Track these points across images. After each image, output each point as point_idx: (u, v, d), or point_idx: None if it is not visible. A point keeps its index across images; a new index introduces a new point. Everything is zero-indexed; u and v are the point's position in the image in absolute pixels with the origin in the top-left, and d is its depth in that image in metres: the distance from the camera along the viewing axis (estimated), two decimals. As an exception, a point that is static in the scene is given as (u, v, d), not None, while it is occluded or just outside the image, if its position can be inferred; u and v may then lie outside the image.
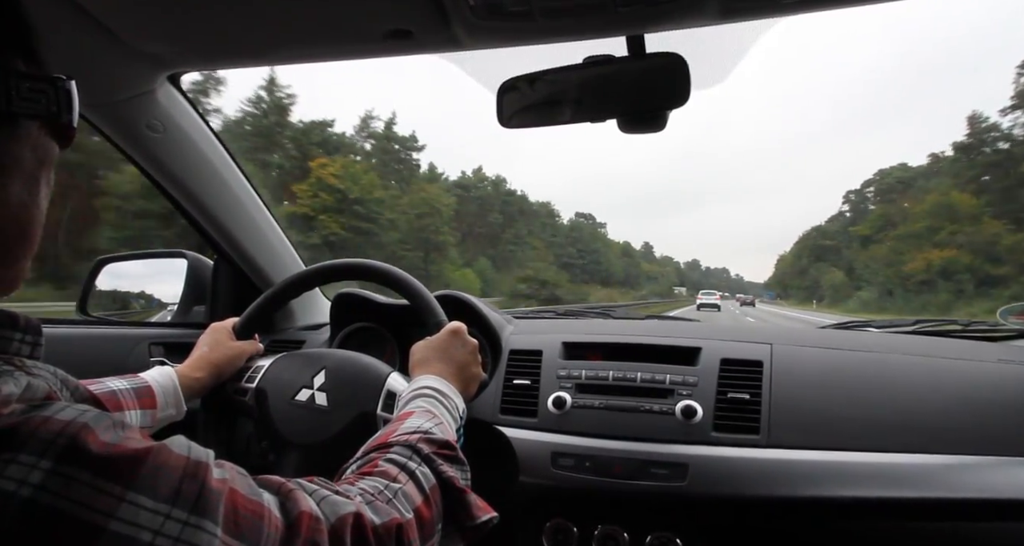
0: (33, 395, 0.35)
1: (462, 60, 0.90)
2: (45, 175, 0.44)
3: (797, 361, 1.03)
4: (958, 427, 0.89)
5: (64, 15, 0.78)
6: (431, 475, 0.58)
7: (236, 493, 0.38)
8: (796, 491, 0.88)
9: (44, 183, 0.44)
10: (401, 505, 0.52)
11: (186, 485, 0.35)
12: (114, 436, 0.34)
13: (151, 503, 0.33)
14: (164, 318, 1.47)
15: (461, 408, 0.79)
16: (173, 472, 0.35)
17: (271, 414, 0.91)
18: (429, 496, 0.56)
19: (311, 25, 0.81)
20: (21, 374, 0.36)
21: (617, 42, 0.82)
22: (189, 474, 0.35)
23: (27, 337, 0.41)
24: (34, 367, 0.38)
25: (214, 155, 1.19)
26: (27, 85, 0.40)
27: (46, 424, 0.32)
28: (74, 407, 0.34)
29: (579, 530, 1.01)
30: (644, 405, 1.00)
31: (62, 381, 0.40)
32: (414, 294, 0.96)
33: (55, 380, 0.39)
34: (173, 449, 0.36)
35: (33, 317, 0.42)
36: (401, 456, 0.59)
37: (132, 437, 0.35)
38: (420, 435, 0.63)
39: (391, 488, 0.53)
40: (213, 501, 0.35)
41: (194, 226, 1.28)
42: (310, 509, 0.43)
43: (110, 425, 0.34)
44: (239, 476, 0.40)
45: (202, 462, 0.37)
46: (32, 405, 0.33)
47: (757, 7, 0.75)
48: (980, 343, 1.14)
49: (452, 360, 0.84)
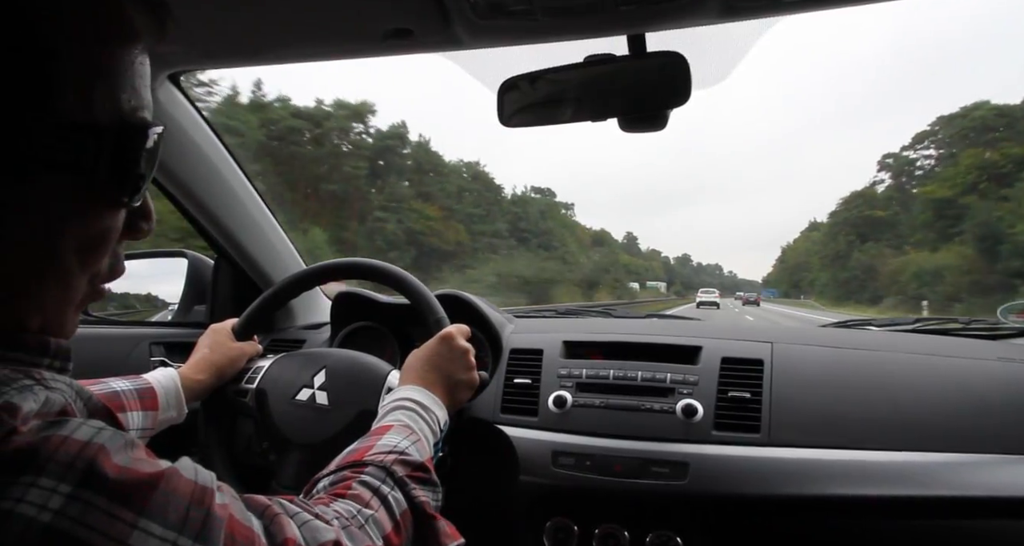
0: (50, 410, 0.35)
1: (463, 59, 0.90)
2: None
3: (798, 360, 1.03)
4: (959, 425, 0.89)
5: None
6: (403, 500, 0.59)
7: (234, 520, 0.39)
8: (797, 490, 0.88)
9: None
10: (372, 532, 0.53)
11: (193, 512, 0.35)
12: (126, 458, 0.34)
13: (160, 530, 0.33)
14: (164, 318, 1.47)
15: (442, 420, 0.79)
16: (182, 498, 0.35)
17: (272, 414, 0.91)
18: (399, 523, 0.57)
19: (312, 24, 0.81)
20: (40, 388, 0.36)
21: (618, 41, 0.82)
22: (196, 501, 0.36)
23: (56, 362, 0.41)
24: (52, 379, 0.38)
25: (215, 154, 1.19)
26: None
27: (65, 445, 0.33)
28: (89, 425, 0.35)
29: (580, 529, 1.01)
30: (645, 404, 1.00)
31: (76, 392, 0.40)
32: (414, 293, 0.96)
33: (71, 392, 0.39)
34: (183, 473, 0.37)
35: (65, 343, 0.42)
36: (375, 479, 0.60)
37: (142, 458, 0.36)
38: (395, 456, 0.64)
39: (363, 513, 0.54)
40: (216, 529, 0.36)
41: (195, 225, 1.28)
42: (294, 536, 0.44)
43: (122, 446, 0.35)
44: (234, 501, 0.41)
45: (208, 488, 0.38)
46: (48, 422, 0.34)
47: (758, 6, 0.75)
48: (981, 341, 1.14)
49: (438, 369, 0.84)
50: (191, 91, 1.11)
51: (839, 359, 1.03)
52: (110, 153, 0.39)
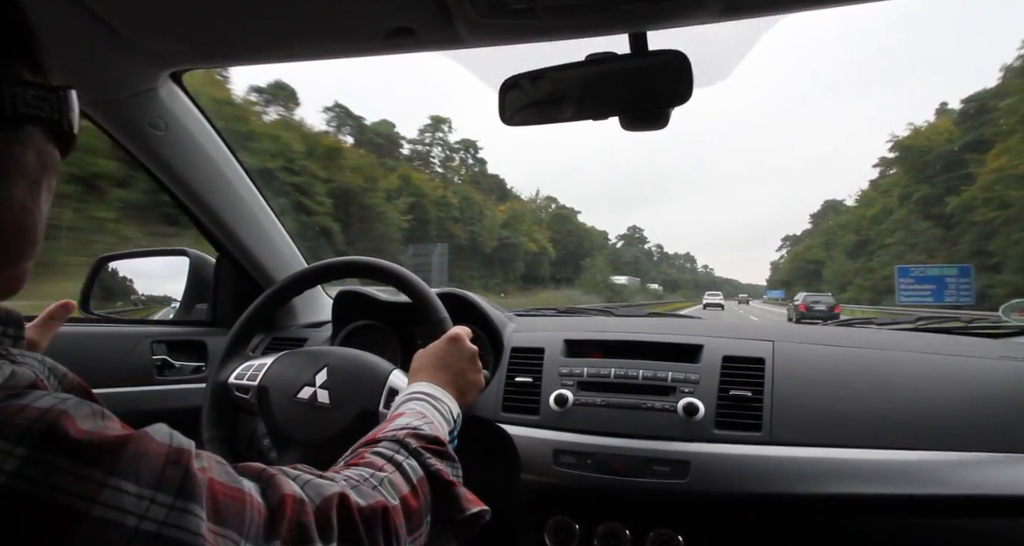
0: (17, 383, 0.35)
1: (464, 58, 0.90)
2: (47, 181, 0.45)
3: (799, 358, 1.03)
4: (960, 424, 0.89)
5: (67, 13, 0.78)
6: (418, 468, 0.58)
7: (215, 481, 0.38)
8: (798, 488, 0.88)
9: (46, 188, 0.45)
10: (387, 492, 0.51)
11: (169, 471, 0.35)
12: (94, 424, 0.34)
13: (134, 488, 0.33)
14: (166, 316, 1.47)
15: (455, 412, 0.79)
16: (156, 458, 0.35)
17: (273, 412, 0.92)
18: (416, 487, 0.55)
19: (314, 23, 0.81)
20: (5, 363, 0.36)
21: (619, 39, 0.82)
22: (172, 460, 0.35)
23: (9, 330, 0.41)
24: (20, 355, 0.38)
25: (216, 153, 1.19)
26: (31, 92, 0.41)
27: (23, 412, 0.32)
28: (53, 395, 0.34)
29: (581, 527, 1.01)
30: (646, 402, 1.00)
31: (50, 369, 0.40)
32: (416, 292, 0.96)
33: (42, 368, 0.39)
34: (155, 436, 0.36)
35: (14, 310, 0.43)
36: (388, 450, 0.58)
37: (112, 425, 0.35)
38: (408, 431, 0.63)
39: (377, 476, 0.53)
40: (197, 486, 0.35)
41: (196, 224, 1.29)
42: (293, 492, 0.43)
43: (90, 413, 0.34)
44: (217, 465, 0.40)
45: (184, 449, 0.37)
46: (11, 394, 0.33)
47: (759, 4, 0.75)
48: (982, 340, 1.14)
49: (448, 368, 0.83)
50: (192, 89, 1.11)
51: (840, 357, 1.03)
52: (67, 105, 0.44)
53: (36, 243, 0.44)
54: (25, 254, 0.44)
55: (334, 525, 0.44)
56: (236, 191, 1.25)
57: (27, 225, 0.43)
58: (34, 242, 0.44)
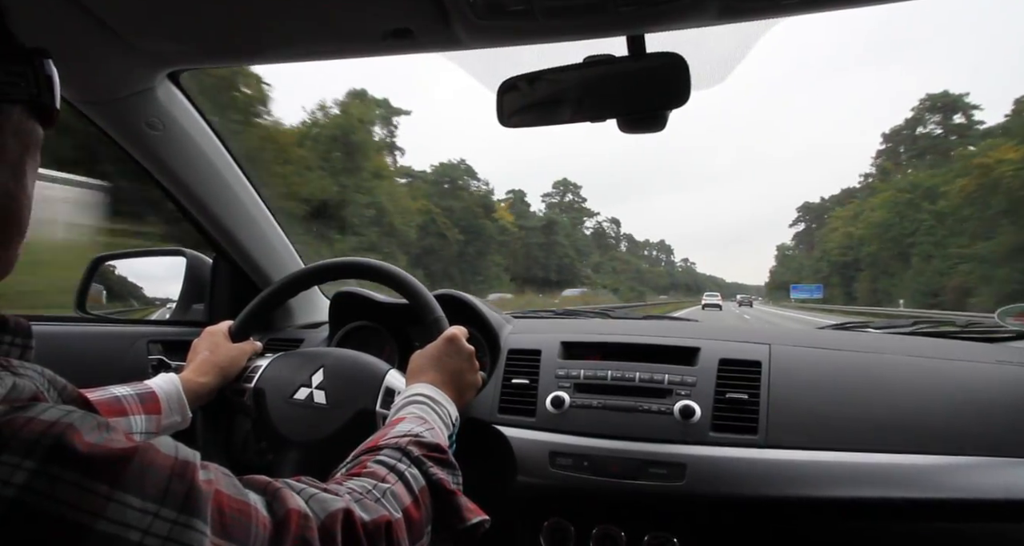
0: (18, 396, 0.34)
1: (462, 59, 0.90)
2: (31, 160, 0.44)
3: (795, 361, 1.03)
4: (956, 428, 0.89)
5: (64, 12, 0.78)
6: (420, 477, 0.58)
7: (221, 494, 0.38)
8: (794, 491, 0.88)
9: (30, 168, 0.43)
10: (390, 504, 0.51)
11: (174, 484, 0.35)
12: (99, 436, 0.34)
13: (139, 502, 0.33)
14: (163, 316, 1.46)
15: (454, 415, 0.79)
16: (161, 471, 0.35)
17: (269, 413, 0.91)
18: (418, 497, 0.55)
19: (311, 24, 0.81)
20: (7, 374, 0.36)
21: (617, 42, 0.82)
22: (177, 474, 0.35)
23: (17, 339, 0.41)
24: (21, 367, 0.38)
25: (214, 153, 1.19)
26: (3, 70, 0.40)
27: (29, 425, 0.32)
28: (58, 408, 0.34)
29: (577, 530, 1.01)
30: (642, 405, 1.00)
31: (49, 381, 0.40)
32: (412, 293, 0.96)
33: (42, 380, 0.39)
34: (160, 449, 0.36)
35: (23, 319, 0.42)
36: (390, 458, 0.58)
37: (117, 438, 0.35)
38: (410, 438, 0.63)
39: (379, 488, 0.53)
40: (201, 500, 0.35)
41: (193, 224, 1.28)
42: (298, 507, 0.42)
43: (95, 426, 0.34)
44: (224, 477, 0.40)
45: (190, 462, 0.37)
46: (15, 406, 0.33)
47: (757, 7, 0.75)
48: (978, 344, 1.14)
49: (446, 368, 0.83)
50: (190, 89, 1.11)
51: (837, 361, 1.03)
52: (45, 78, 0.43)
53: (24, 225, 0.43)
54: (14, 237, 0.43)
55: (338, 542, 0.44)
56: (233, 191, 1.25)
57: (12, 210, 0.42)
58: (21, 227, 0.43)
